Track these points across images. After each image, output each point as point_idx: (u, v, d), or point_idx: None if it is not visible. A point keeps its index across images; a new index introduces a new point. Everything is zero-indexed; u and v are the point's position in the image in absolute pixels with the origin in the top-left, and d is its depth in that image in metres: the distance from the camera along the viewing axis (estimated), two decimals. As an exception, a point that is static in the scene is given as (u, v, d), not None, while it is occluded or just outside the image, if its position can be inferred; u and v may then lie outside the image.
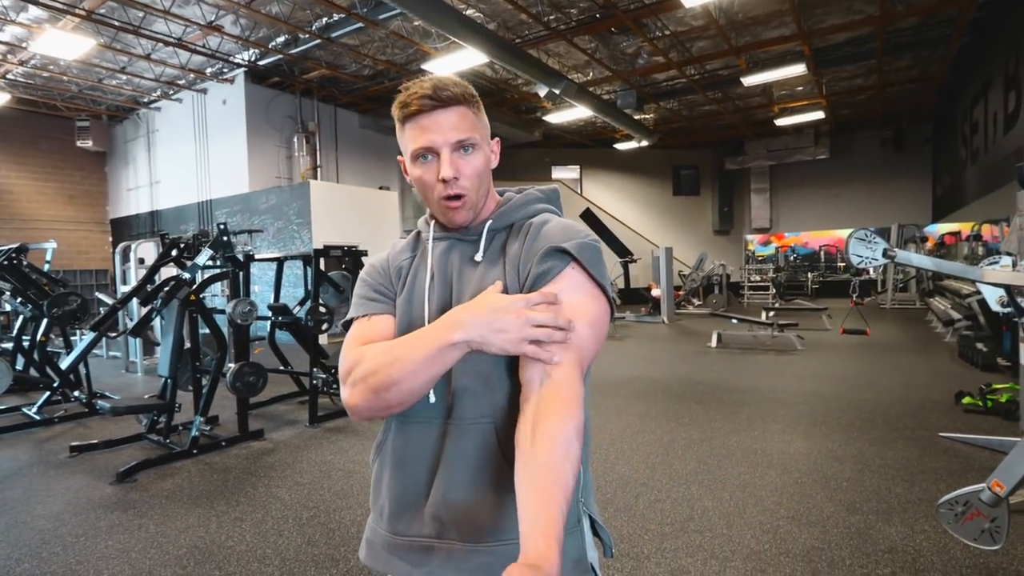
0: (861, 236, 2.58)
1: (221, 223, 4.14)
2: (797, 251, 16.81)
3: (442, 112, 0.80)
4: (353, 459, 3.53)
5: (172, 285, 3.85)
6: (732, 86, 10.84)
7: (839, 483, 2.92)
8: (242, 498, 2.97)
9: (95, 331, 4.39)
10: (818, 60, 9.69)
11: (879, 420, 4.00)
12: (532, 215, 0.89)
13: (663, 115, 13.46)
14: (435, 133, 0.79)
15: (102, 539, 2.56)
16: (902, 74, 10.98)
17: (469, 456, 0.78)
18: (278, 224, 9.54)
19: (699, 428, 3.95)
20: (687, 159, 17.01)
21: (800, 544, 2.32)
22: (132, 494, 3.07)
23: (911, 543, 2.29)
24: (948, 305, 8.20)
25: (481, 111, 0.85)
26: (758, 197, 17.11)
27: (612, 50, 9.35)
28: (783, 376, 5.66)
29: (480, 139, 0.83)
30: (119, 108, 11.71)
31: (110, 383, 6.18)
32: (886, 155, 15.34)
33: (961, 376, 5.23)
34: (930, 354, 6.61)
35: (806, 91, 11.78)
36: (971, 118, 10.02)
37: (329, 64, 9.56)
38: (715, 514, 2.61)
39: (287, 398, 5.15)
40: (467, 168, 0.81)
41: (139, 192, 12.24)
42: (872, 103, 12.89)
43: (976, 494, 1.86)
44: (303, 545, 2.45)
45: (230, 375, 3.78)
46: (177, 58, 9.16)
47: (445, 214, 0.84)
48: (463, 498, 0.77)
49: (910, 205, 15.00)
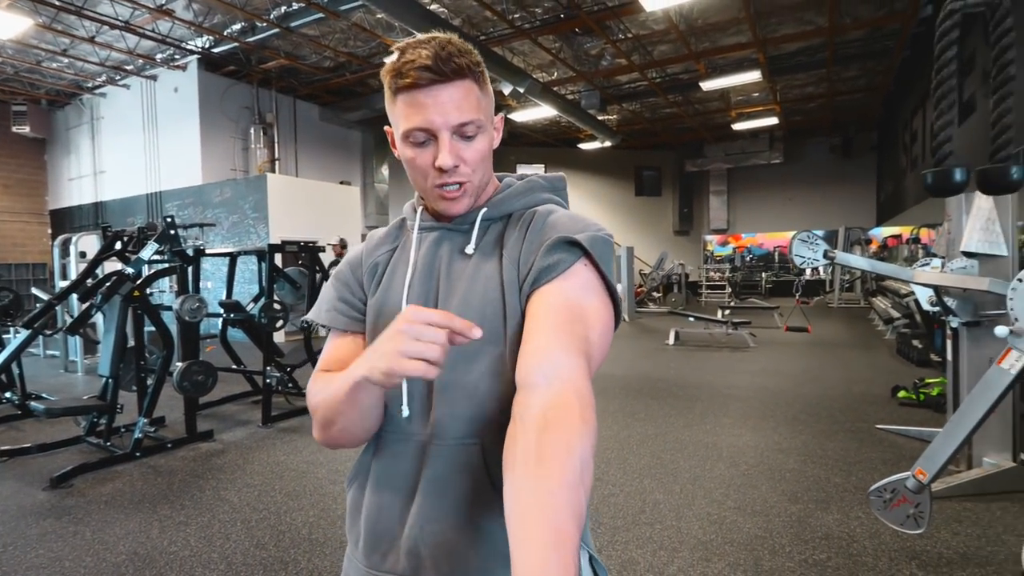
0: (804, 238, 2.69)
1: (168, 215, 3.98)
2: (753, 252, 17.40)
3: (443, 88, 0.66)
4: (307, 459, 3.46)
5: (114, 280, 3.68)
6: (692, 90, 11.11)
7: (783, 474, 3.05)
8: (187, 501, 2.87)
9: (28, 328, 4.15)
10: (772, 68, 10.04)
11: (822, 413, 4.19)
12: (535, 204, 0.77)
13: (626, 116, 13.68)
14: (434, 113, 0.66)
15: (32, 548, 2.43)
16: (850, 84, 11.49)
17: (450, 481, 0.66)
18: (233, 218, 9.23)
19: (654, 423, 4.04)
20: (649, 160, 17.35)
21: (744, 533, 2.41)
22: (67, 500, 2.92)
23: (846, 529, 2.41)
24: (888, 304, 8.65)
25: (487, 83, 0.72)
26: (716, 199, 17.61)
27: (576, 51, 9.43)
28: (736, 372, 5.85)
29: (485, 119, 0.70)
30: (60, 93, 11.08)
31: (47, 384, 5.85)
32: (835, 161, 16.04)
33: (898, 371, 5.53)
34: (871, 350, 6.96)
35: (761, 97, 12.19)
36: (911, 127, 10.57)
37: (288, 54, 9.30)
38: (666, 507, 2.68)
39: (239, 398, 5.00)
40: (469, 154, 0.69)
41: (82, 182, 11.62)
42: (822, 111, 13.45)
43: (903, 481, 1.98)
44: (251, 548, 2.39)
45: (177, 374, 3.65)
46: (124, 42, 8.73)
47: (440, 203, 0.72)
48: (442, 530, 0.66)
49: (856, 209, 15.73)
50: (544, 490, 0.47)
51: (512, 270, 0.69)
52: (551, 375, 0.56)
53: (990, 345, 2.74)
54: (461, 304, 0.69)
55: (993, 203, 2.67)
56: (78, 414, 3.74)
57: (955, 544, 2.27)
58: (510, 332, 0.67)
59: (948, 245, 2.94)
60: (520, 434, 0.53)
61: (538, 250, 0.68)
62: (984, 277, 2.61)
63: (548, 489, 0.47)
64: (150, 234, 4.18)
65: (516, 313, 0.67)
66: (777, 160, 15.86)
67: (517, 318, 0.67)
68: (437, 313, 0.56)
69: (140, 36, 8.42)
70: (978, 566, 2.12)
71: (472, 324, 0.56)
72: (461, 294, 0.70)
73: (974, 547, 2.25)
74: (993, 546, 2.25)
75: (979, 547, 2.25)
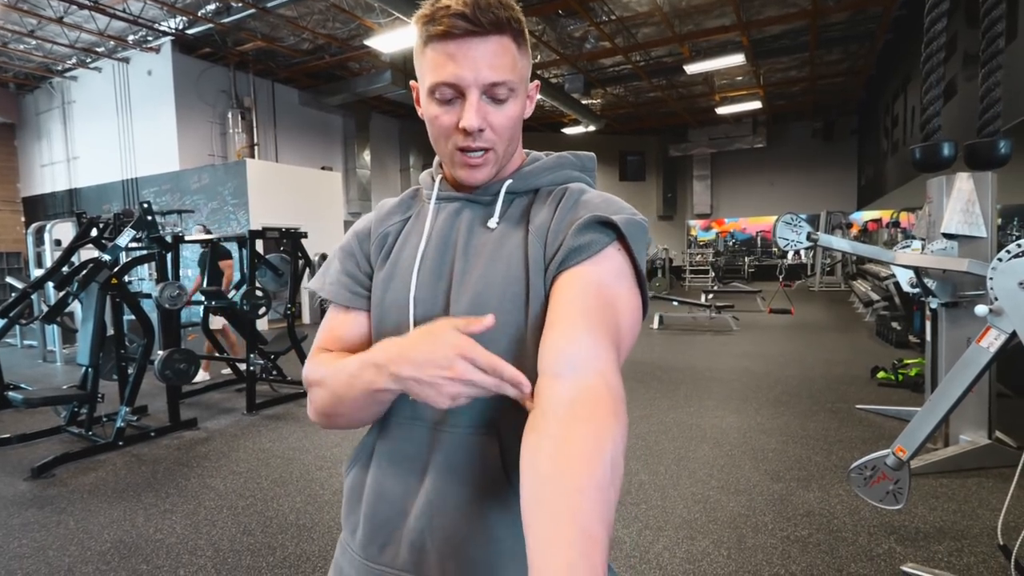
0: (788, 220, 2.71)
1: (145, 201, 3.88)
2: (736, 236, 17.55)
3: (478, 41, 0.61)
4: (293, 446, 3.44)
5: (91, 268, 3.58)
6: (676, 74, 11.08)
7: (765, 454, 3.10)
8: (172, 489, 2.84)
9: (4, 317, 4.03)
10: (756, 51, 10.04)
11: (803, 394, 4.27)
12: (565, 181, 0.71)
13: (610, 101, 13.61)
14: (464, 67, 0.61)
15: (15, 538, 2.39)
16: (832, 67, 11.55)
17: (463, 471, 0.62)
18: (212, 204, 9.05)
19: (640, 406, 4.08)
20: (633, 145, 17.33)
21: (728, 511, 2.45)
22: (50, 490, 2.87)
23: (827, 506, 2.47)
24: (868, 287, 8.81)
25: (526, 44, 0.66)
26: (700, 184, 17.69)
27: (560, 33, 9.33)
28: (719, 355, 5.92)
29: (519, 83, 0.64)
30: (29, 76, 10.68)
31: (25, 374, 5.72)
32: (816, 145, 16.17)
33: (877, 352, 5.65)
34: (851, 332, 7.09)
35: (745, 81, 12.20)
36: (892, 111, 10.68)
37: (265, 36, 9.05)
38: (651, 487, 2.72)
39: (223, 386, 4.94)
40: (498, 119, 0.63)
41: (55, 168, 11.27)
42: (805, 95, 13.51)
43: (882, 459, 2.02)
44: (238, 535, 2.37)
45: (158, 363, 3.58)
46: (94, 23, 8.42)
47: (460, 170, 0.66)
48: (452, 524, 0.61)
49: (838, 193, 15.91)
50: (573, 489, 0.43)
51: (538, 248, 0.64)
52: (579, 365, 0.52)
53: (968, 325, 2.79)
54: (480, 282, 0.64)
55: (973, 185, 2.71)
56: (58, 404, 3.66)
57: (932, 519, 2.34)
58: (532, 315, 0.62)
59: (928, 227, 2.98)
60: (544, 427, 0.48)
61: (568, 228, 0.63)
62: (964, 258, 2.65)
63: (577, 488, 0.43)
64: (127, 220, 4.08)
65: (540, 295, 0.62)
66: (760, 144, 15.94)
67: (541, 300, 0.62)
68: (487, 359, 0.51)
69: (110, 16, 8.12)
70: (955, 539, 2.18)
71: (521, 379, 0.52)
72: (480, 271, 0.64)
73: (951, 521, 2.32)
74: (969, 520, 2.32)
75: (955, 521, 2.32)
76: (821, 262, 13.60)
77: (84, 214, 4.41)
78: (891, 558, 2.06)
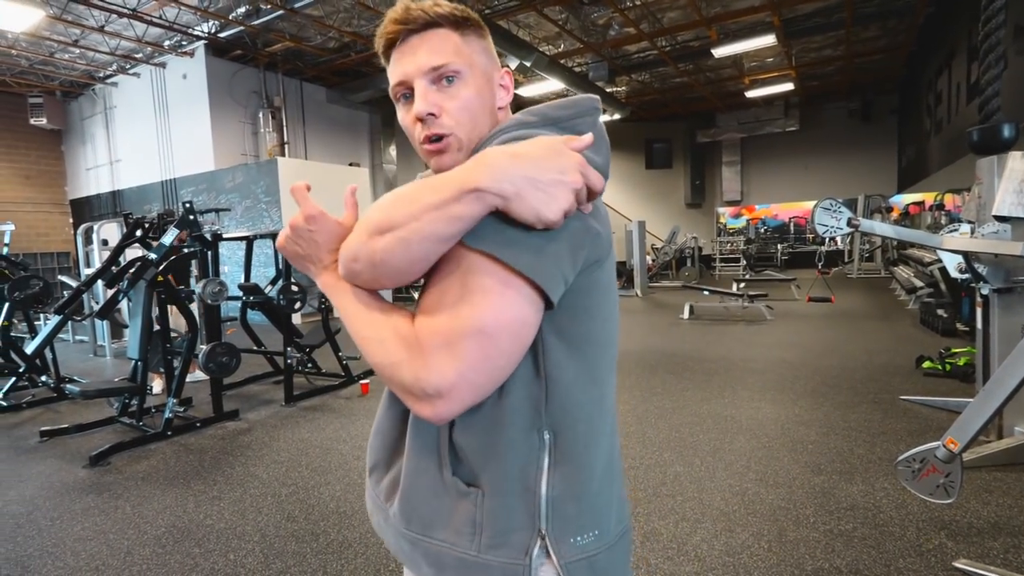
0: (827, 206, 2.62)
1: (187, 202, 4.00)
2: (768, 223, 17.10)
3: (416, 37, 0.66)
4: (330, 436, 3.52)
5: (138, 266, 3.72)
6: (703, 58, 10.80)
7: (805, 446, 3.03)
8: (219, 477, 2.94)
9: (60, 314, 4.23)
10: (787, 31, 9.70)
11: (843, 385, 4.14)
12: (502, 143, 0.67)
13: (635, 88, 13.37)
14: (408, 63, 0.66)
15: (78, 521, 2.52)
16: (869, 44, 11.08)
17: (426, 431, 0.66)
18: (246, 203, 9.27)
19: (672, 398, 4.03)
20: (660, 132, 17.01)
21: (767, 504, 2.40)
22: (106, 477, 3.01)
23: (871, 500, 2.40)
24: (911, 273, 8.47)
25: (475, 35, 0.69)
26: (729, 170, 17.27)
27: (583, 21, 9.19)
28: (753, 345, 5.80)
29: (465, 66, 0.67)
30: (73, 84, 11.11)
31: (78, 367, 6.00)
32: (854, 126, 15.58)
33: (922, 341, 5.44)
34: (893, 321, 6.84)
35: (776, 62, 11.82)
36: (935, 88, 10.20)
37: (293, 36, 9.19)
38: (686, 479, 2.68)
39: (261, 378, 5.08)
40: (452, 103, 0.66)
41: (99, 171, 11.73)
42: (840, 74, 13.01)
43: (932, 451, 1.95)
44: (282, 521, 2.44)
45: (202, 356, 3.70)
46: (133, 30, 8.69)
47: (429, 160, 0.70)
48: (408, 469, 0.67)
49: (876, 176, 15.32)
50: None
51: None
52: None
53: (1023, 312, 2.66)
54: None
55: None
56: (111, 395, 3.83)
57: (985, 514, 2.25)
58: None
59: (979, 209, 2.84)
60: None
61: None
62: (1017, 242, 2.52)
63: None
64: (169, 220, 4.21)
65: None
66: (793, 127, 15.44)
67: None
68: (597, 178, 0.58)
69: (148, 23, 8.37)
70: (1011, 535, 2.09)
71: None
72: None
73: (1005, 516, 2.22)
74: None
75: (1011, 517, 2.22)
76: (859, 248, 13.14)
77: (130, 215, 4.57)
78: (942, 554, 1.99)
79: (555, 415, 0.63)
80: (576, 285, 0.61)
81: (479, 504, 0.62)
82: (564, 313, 0.61)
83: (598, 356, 0.67)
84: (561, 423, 0.63)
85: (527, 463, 0.62)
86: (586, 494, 0.65)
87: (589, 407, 0.66)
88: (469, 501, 0.62)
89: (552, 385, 0.62)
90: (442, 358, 0.54)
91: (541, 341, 0.61)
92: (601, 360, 0.67)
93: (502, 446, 0.62)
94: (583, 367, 0.64)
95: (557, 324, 0.62)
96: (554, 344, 0.62)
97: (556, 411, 0.63)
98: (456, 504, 0.63)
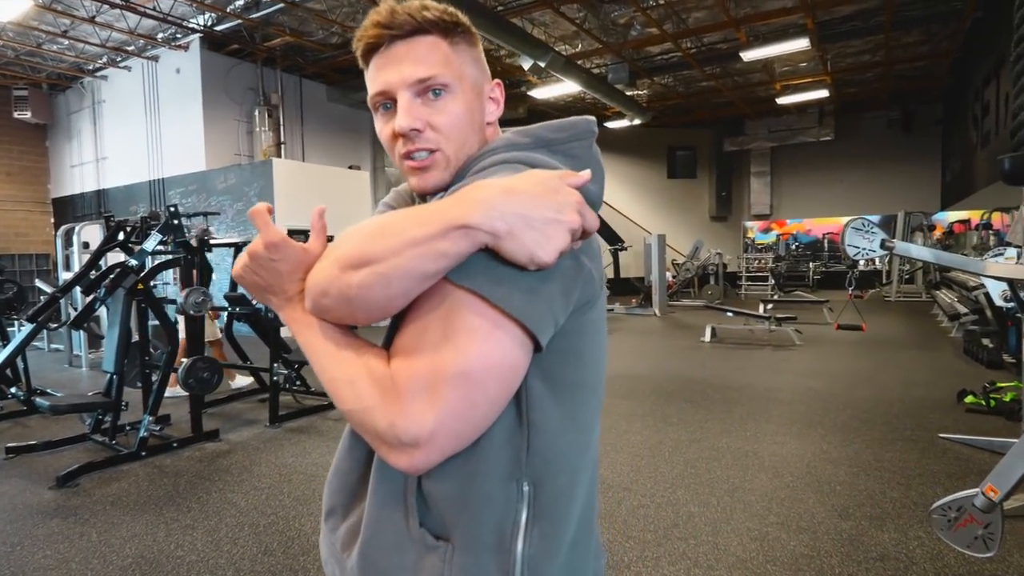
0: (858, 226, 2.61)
1: (171, 205, 4.06)
2: (799, 239, 17.03)
3: (401, 44, 0.65)
4: (316, 462, 3.52)
5: (117, 273, 3.77)
6: (731, 61, 10.86)
7: (832, 487, 2.98)
8: (194, 504, 2.94)
9: (33, 322, 4.28)
10: (823, 34, 9.74)
11: (877, 420, 4.09)
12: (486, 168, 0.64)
13: (657, 91, 13.46)
14: (391, 72, 0.65)
15: (40, 548, 2.52)
16: (911, 50, 11.09)
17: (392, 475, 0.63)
18: (238, 205, 9.38)
19: (688, 428, 4.00)
20: (683, 139, 17.07)
21: (788, 551, 2.36)
22: (74, 500, 3.03)
23: (904, 550, 2.35)
24: (954, 298, 8.38)
25: (465, 44, 0.69)
26: (758, 181, 17.25)
27: (602, 20, 9.29)
28: (779, 373, 5.75)
29: (454, 79, 0.66)
30: (61, 76, 11.38)
31: (52, 378, 6.06)
32: (894, 137, 15.54)
33: (964, 374, 5.36)
34: (933, 350, 6.76)
35: (810, 67, 11.85)
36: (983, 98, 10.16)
37: (293, 31, 9.37)
38: (701, 520, 2.65)
39: (246, 396, 5.11)
40: (440, 118, 0.65)
41: (84, 169, 11.94)
42: (879, 81, 13.02)
43: (970, 499, 1.91)
44: (259, 555, 2.44)
45: (182, 371, 3.73)
46: (125, 21, 8.90)
47: (410, 178, 0.69)
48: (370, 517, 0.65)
49: (918, 191, 15.24)
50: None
51: None
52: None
53: (1072, 346, 2.62)
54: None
55: (1078, 186, 2.54)
56: (83, 411, 3.86)
57: (1028, 568, 2.20)
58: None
59: (1024, 233, 2.82)
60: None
61: None
62: (1066, 269, 2.50)
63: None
64: (153, 224, 4.27)
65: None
66: (827, 137, 15.43)
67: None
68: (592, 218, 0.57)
69: (141, 15, 8.57)
70: (1055, 593, 2.04)
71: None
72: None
73: (1050, 571, 2.17)
74: (1072, 571, 2.17)
75: (1056, 572, 2.17)
76: (899, 269, 13.04)
77: (112, 217, 4.64)
78: (980, 613, 1.95)
79: (536, 466, 0.61)
80: (567, 327, 0.60)
81: (448, 559, 0.60)
82: (553, 356, 0.60)
83: (585, 402, 0.66)
84: (543, 474, 0.62)
85: (503, 517, 0.61)
86: (563, 550, 0.64)
87: (573, 457, 0.65)
88: (437, 556, 0.61)
89: (535, 433, 0.61)
90: (422, 404, 0.53)
91: (525, 386, 0.60)
92: (588, 406, 0.67)
93: (477, 497, 0.60)
94: (569, 414, 0.64)
95: (544, 368, 0.61)
96: (539, 389, 0.61)
97: (538, 461, 0.61)
98: (422, 558, 0.61)
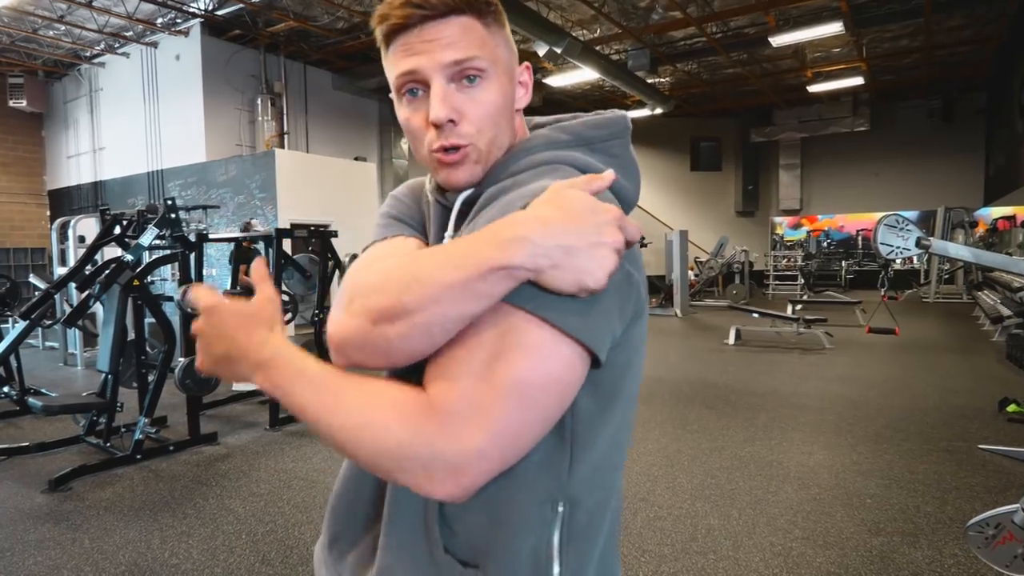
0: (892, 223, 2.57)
1: (169, 198, 4.11)
2: (831, 236, 16.84)
3: (435, 24, 0.62)
4: (317, 467, 3.55)
5: (112, 268, 3.83)
6: (759, 47, 10.75)
7: (862, 500, 2.95)
8: (190, 510, 2.98)
9: (26, 319, 4.36)
10: (857, 18, 9.60)
11: (912, 429, 4.04)
12: (533, 167, 0.65)
13: (680, 79, 13.36)
14: (422, 54, 0.62)
15: (31, 554, 2.57)
16: (953, 35, 10.90)
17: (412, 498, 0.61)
18: (239, 199, 9.47)
19: (709, 436, 3.97)
20: (707, 129, 16.93)
21: (815, 568, 2.34)
22: (66, 504, 3.08)
23: (939, 568, 2.32)
24: (997, 300, 8.25)
25: (498, 24, 0.66)
26: (787, 174, 17.07)
27: (622, 3, 9.25)
28: (807, 378, 5.69)
29: (491, 63, 0.64)
30: (57, 63, 11.55)
31: (46, 378, 6.17)
32: (934, 128, 15.30)
33: (1007, 380, 5.28)
34: (974, 355, 6.65)
35: (843, 53, 11.70)
36: (1030, 87, 9.98)
37: (298, 15, 9.43)
38: (721, 534, 2.63)
39: (246, 397, 5.16)
40: (472, 107, 0.63)
41: (80, 160, 12.12)
42: (918, 68, 12.82)
43: (1009, 516, 1.88)
44: (256, 564, 2.46)
45: (179, 371, 3.78)
46: (123, 6, 9.01)
47: (439, 173, 0.67)
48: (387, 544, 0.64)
49: (959, 185, 14.99)
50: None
51: None
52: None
53: (1124, 353, 2.56)
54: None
55: None
56: (77, 412, 3.93)
57: (1074, 590, 2.16)
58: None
59: (1074, 231, 2.76)
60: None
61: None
62: (1119, 271, 2.44)
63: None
64: (150, 217, 4.32)
65: None
66: (862, 127, 15.22)
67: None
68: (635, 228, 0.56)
69: (140, -2, 8.67)
70: (1103, 618, 2.00)
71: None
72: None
73: (1098, 595, 2.13)
74: (1122, 595, 2.12)
75: (1104, 595, 2.12)
76: (938, 268, 12.84)
77: (108, 210, 4.70)
78: (1020, 638, 1.91)
79: (576, 485, 0.61)
80: (618, 340, 0.60)
81: None
82: (604, 371, 0.59)
83: (625, 414, 0.66)
84: (580, 493, 0.61)
85: (539, 541, 0.60)
86: (593, 564, 0.64)
87: (610, 474, 0.65)
88: None
89: (580, 450, 0.60)
90: (470, 425, 0.51)
91: (573, 403, 0.58)
92: (627, 419, 0.67)
93: (512, 521, 0.59)
94: (611, 428, 0.64)
95: (595, 383, 0.60)
96: (586, 403, 0.60)
97: (578, 480, 0.61)
98: None
